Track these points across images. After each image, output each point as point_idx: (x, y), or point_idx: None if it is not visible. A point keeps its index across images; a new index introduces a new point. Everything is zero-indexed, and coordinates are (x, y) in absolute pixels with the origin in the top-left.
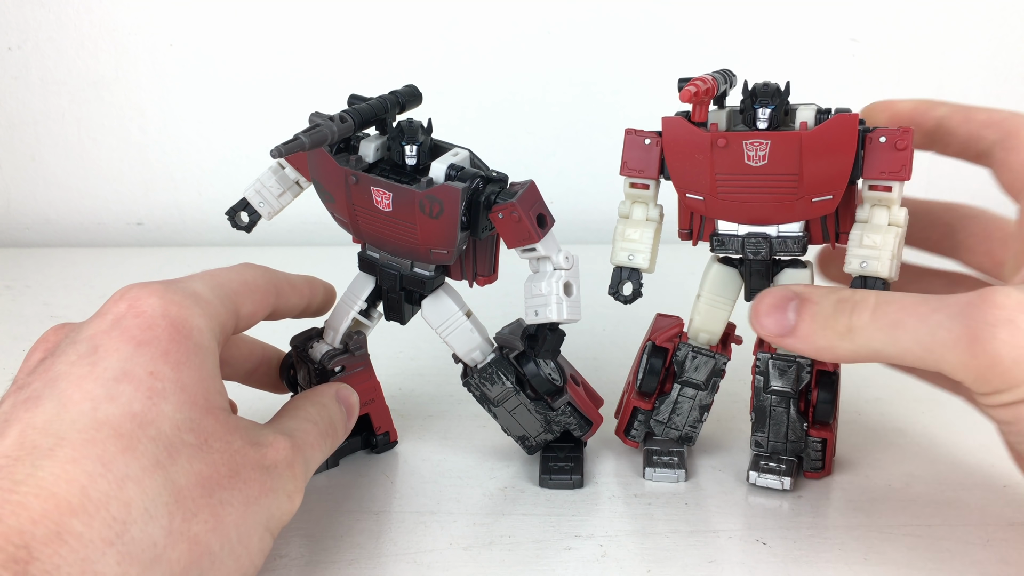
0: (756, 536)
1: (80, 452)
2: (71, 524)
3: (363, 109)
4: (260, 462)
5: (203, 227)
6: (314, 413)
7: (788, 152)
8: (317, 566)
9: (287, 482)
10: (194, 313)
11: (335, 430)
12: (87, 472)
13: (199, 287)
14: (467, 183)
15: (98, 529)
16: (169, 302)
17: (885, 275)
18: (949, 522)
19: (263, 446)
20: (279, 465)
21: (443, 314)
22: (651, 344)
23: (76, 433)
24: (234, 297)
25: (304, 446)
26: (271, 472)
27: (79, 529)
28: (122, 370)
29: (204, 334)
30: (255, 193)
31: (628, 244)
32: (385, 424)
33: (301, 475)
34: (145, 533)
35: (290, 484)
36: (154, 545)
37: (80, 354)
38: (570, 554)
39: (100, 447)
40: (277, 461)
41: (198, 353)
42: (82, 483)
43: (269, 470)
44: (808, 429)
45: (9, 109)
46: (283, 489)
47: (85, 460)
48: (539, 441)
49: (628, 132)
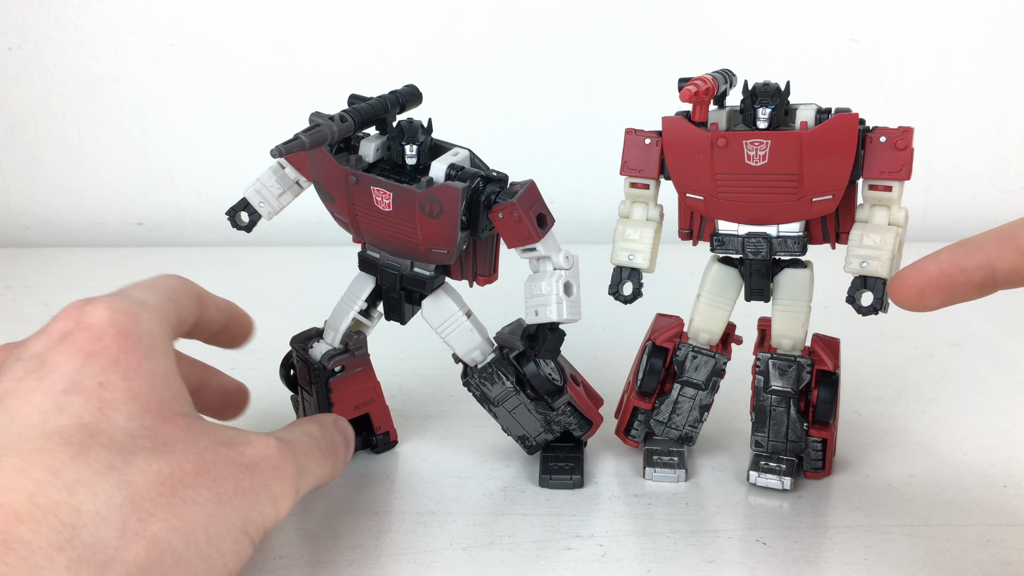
0: (756, 536)
1: (28, 461)
2: (18, 531)
3: (363, 109)
4: (236, 460)
5: (203, 227)
6: (315, 430)
7: (788, 152)
8: (317, 566)
9: (272, 484)
10: (142, 318)
11: (336, 451)
12: (35, 480)
13: (141, 294)
14: (467, 183)
15: (46, 535)
16: (116, 311)
17: (885, 275)
18: (949, 522)
19: (238, 445)
20: (261, 464)
21: (443, 314)
22: (651, 344)
23: (24, 443)
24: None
25: (297, 452)
26: (250, 471)
27: (27, 536)
28: (71, 382)
29: (155, 337)
30: (255, 193)
31: (628, 244)
32: (385, 424)
33: (290, 478)
34: (96, 536)
35: (276, 487)
36: (106, 547)
37: (27, 370)
38: (570, 554)
39: (49, 456)
40: (258, 460)
41: (150, 358)
42: (29, 491)
43: (248, 469)
44: (808, 429)
45: (9, 109)
46: (265, 491)
47: (33, 469)
48: (539, 441)
49: (628, 132)
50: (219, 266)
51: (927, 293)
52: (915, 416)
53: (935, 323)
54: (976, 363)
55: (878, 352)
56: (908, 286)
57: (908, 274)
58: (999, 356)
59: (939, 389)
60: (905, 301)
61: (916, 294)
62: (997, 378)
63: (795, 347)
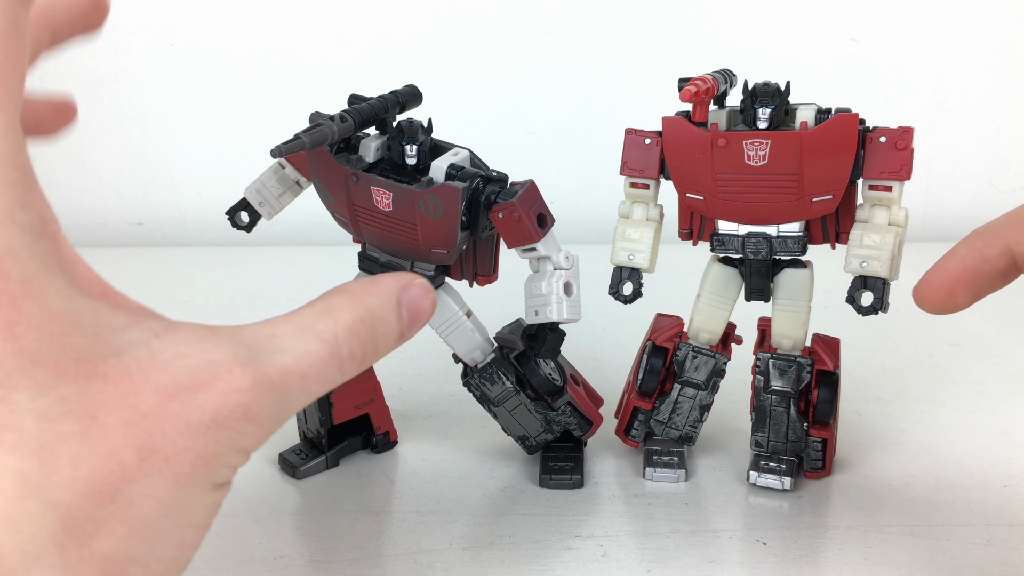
0: (756, 536)
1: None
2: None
3: (363, 109)
4: (192, 418)
5: (203, 227)
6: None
7: (788, 152)
8: (317, 566)
9: (238, 440)
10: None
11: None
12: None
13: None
14: (467, 183)
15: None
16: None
17: (885, 275)
18: (949, 522)
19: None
20: (228, 417)
21: (443, 314)
22: (651, 344)
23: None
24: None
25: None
26: (213, 430)
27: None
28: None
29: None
30: (255, 193)
31: (628, 244)
32: (385, 424)
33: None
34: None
35: (244, 441)
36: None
37: None
38: (570, 554)
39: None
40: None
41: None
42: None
43: (210, 428)
44: (808, 429)
45: None
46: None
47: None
48: (539, 441)
49: (628, 132)
50: (219, 266)
51: (956, 292)
52: (915, 416)
53: (935, 323)
54: (976, 363)
55: (878, 352)
56: (936, 288)
57: (932, 278)
58: (999, 356)
59: (939, 389)
60: (936, 305)
61: (946, 295)
62: (997, 378)
63: (795, 347)
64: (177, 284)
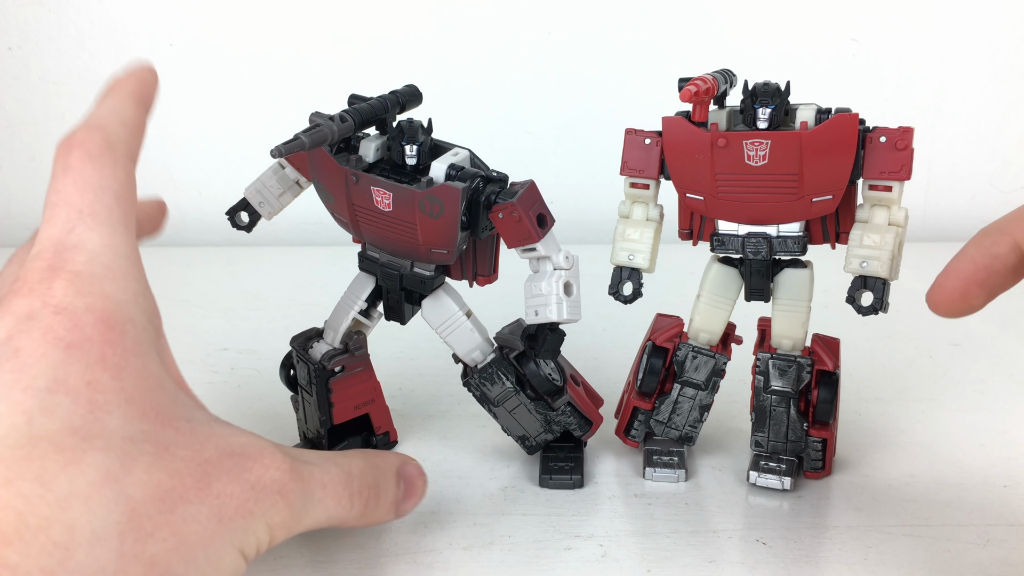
0: (756, 536)
1: (14, 472)
2: (6, 556)
3: (363, 109)
4: (241, 476)
5: (203, 227)
6: (356, 466)
7: (788, 152)
8: (317, 566)
9: (272, 511)
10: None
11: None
12: (23, 495)
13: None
14: (467, 183)
15: (36, 558)
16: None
17: (885, 275)
18: (949, 522)
19: (247, 458)
20: (268, 486)
21: (443, 314)
22: (651, 344)
23: (8, 451)
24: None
25: (313, 482)
26: (255, 491)
27: (14, 560)
28: (54, 378)
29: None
30: (255, 193)
31: (628, 244)
32: (385, 424)
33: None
34: (92, 558)
35: (275, 514)
36: (103, 571)
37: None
38: (570, 554)
39: (38, 464)
40: (265, 480)
41: (138, 354)
42: (17, 508)
43: (253, 488)
44: (808, 429)
45: (9, 109)
46: (264, 516)
47: (21, 481)
48: (539, 441)
49: (628, 132)
50: (219, 266)
51: (971, 292)
52: (915, 416)
53: (935, 323)
54: (976, 363)
55: (878, 352)
56: (950, 291)
57: (945, 281)
58: (999, 356)
59: (939, 389)
60: (951, 308)
61: (961, 296)
62: (997, 378)
63: (795, 347)
64: (177, 284)
